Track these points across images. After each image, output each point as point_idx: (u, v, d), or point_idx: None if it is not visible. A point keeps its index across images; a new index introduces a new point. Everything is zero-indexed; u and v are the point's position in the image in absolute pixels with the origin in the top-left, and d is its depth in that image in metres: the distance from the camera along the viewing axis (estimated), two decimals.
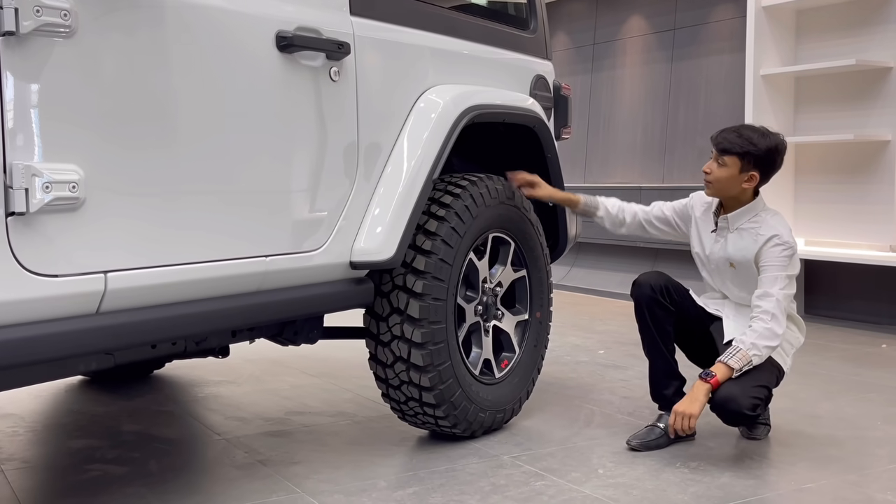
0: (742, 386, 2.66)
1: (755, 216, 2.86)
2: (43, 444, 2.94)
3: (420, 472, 2.62)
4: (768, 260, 2.78)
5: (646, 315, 2.93)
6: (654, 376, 2.97)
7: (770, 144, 2.81)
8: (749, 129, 2.85)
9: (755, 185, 2.85)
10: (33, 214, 1.78)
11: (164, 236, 2.05)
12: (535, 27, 3.52)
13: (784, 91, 5.65)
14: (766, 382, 2.75)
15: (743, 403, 2.64)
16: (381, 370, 2.81)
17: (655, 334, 2.92)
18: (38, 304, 1.81)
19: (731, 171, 2.80)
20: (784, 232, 2.82)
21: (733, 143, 2.79)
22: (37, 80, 1.80)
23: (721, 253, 2.91)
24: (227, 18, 2.20)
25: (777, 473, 2.69)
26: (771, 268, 2.78)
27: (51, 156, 1.81)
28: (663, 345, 2.94)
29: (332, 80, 2.48)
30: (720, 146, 2.81)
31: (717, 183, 2.83)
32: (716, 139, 2.84)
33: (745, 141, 2.78)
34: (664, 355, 2.94)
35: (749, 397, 2.65)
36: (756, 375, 2.71)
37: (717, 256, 2.93)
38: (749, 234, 2.84)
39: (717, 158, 2.82)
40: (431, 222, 2.75)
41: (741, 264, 2.86)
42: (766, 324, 2.71)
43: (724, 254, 2.90)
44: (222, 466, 2.69)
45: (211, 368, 4.01)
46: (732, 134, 2.82)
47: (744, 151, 2.78)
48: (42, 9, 1.77)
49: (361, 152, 2.60)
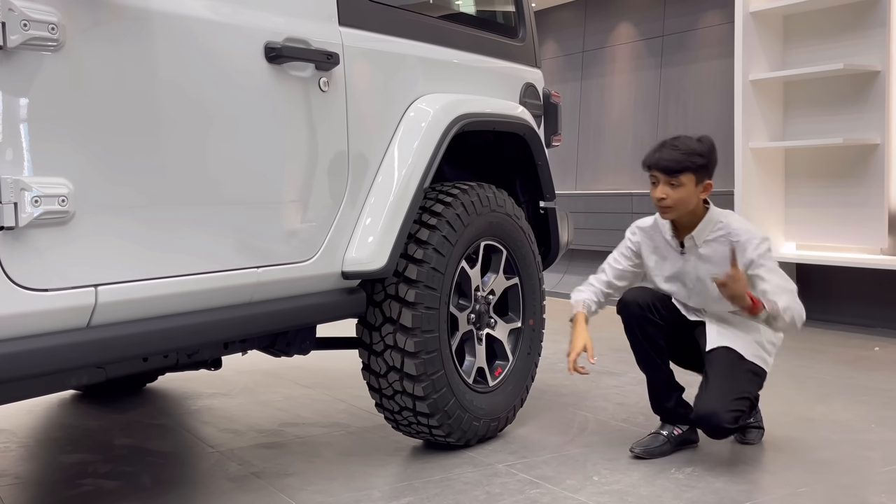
0: (723, 399, 2.67)
1: (717, 224, 2.79)
2: (35, 460, 2.93)
3: (415, 482, 2.62)
4: (756, 262, 2.73)
5: (637, 333, 2.90)
6: (653, 390, 2.96)
7: (708, 146, 2.76)
8: (680, 141, 2.75)
9: (710, 190, 2.79)
10: (22, 229, 1.77)
11: (154, 249, 2.04)
12: (523, 35, 3.53)
13: (773, 96, 5.68)
14: (748, 392, 2.76)
15: (724, 418, 2.64)
16: (374, 380, 2.80)
17: (649, 350, 2.90)
18: (28, 319, 1.80)
19: (689, 189, 2.72)
20: (751, 230, 2.79)
21: (681, 162, 2.70)
22: (25, 94, 1.79)
23: (697, 272, 2.83)
24: (216, 30, 2.20)
25: (771, 478, 2.69)
26: (763, 268, 2.72)
27: (40, 170, 1.81)
28: (658, 358, 2.91)
29: (322, 91, 2.48)
30: (669, 170, 2.71)
31: (678, 204, 2.74)
32: (659, 164, 2.72)
33: (690, 154, 2.71)
34: (660, 368, 2.92)
35: (729, 411, 2.66)
36: (738, 386, 2.72)
37: (693, 276, 2.85)
38: (720, 243, 2.77)
39: (667, 182, 2.71)
40: (423, 231, 2.75)
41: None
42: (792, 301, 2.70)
43: (702, 272, 2.81)
44: (216, 479, 2.67)
45: (204, 381, 4.00)
46: (672, 153, 2.72)
47: (696, 165, 2.71)
48: (29, 23, 1.76)
49: (352, 162, 2.60)
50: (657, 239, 2.93)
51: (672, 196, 2.73)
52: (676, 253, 2.87)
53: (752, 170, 5.59)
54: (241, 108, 2.27)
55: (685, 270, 2.86)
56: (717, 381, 2.72)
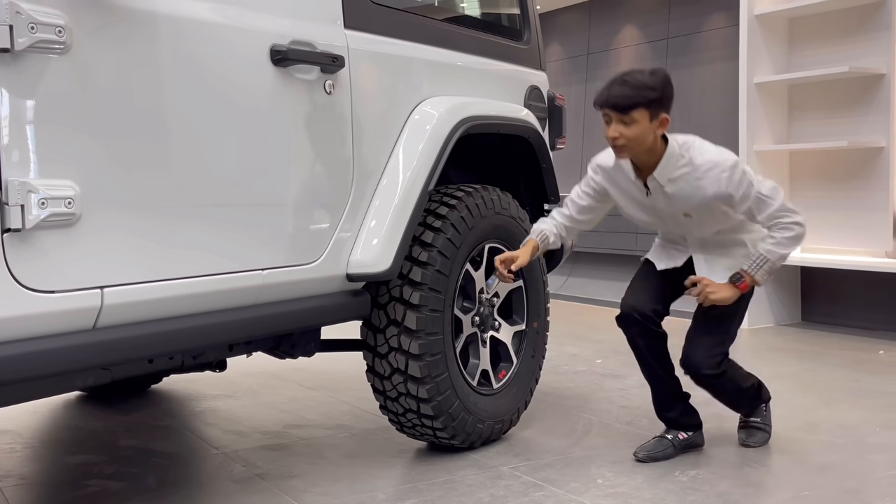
0: (706, 349, 2.77)
1: (680, 160, 2.64)
2: (41, 460, 2.94)
3: (419, 484, 2.62)
4: (738, 194, 2.62)
5: (639, 345, 2.87)
6: (657, 399, 2.95)
7: (661, 78, 2.59)
8: (631, 76, 2.59)
9: (667, 125, 2.62)
10: (29, 231, 1.78)
11: (160, 251, 2.05)
12: (528, 38, 3.53)
13: (778, 99, 5.67)
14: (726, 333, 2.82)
15: (706, 364, 2.76)
16: (378, 382, 2.81)
17: (653, 362, 2.88)
18: (34, 321, 1.81)
19: (643, 125, 2.56)
20: (718, 158, 2.63)
21: (633, 97, 2.54)
22: (32, 97, 1.80)
23: (669, 209, 2.73)
24: (222, 33, 2.21)
25: (775, 481, 2.69)
26: (747, 198, 2.63)
27: (46, 172, 1.82)
28: (661, 369, 2.89)
29: (327, 94, 2.49)
30: (619, 106, 2.55)
31: (632, 143, 2.59)
32: (609, 101, 2.57)
33: (641, 89, 2.55)
34: (664, 380, 2.91)
35: (711, 357, 2.77)
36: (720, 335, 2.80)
37: (667, 213, 2.76)
38: (686, 182, 2.64)
39: (619, 120, 2.57)
40: (427, 233, 2.76)
41: (696, 210, 2.70)
42: (785, 232, 2.66)
43: (673, 209, 2.72)
44: (220, 481, 2.68)
45: (208, 382, 4.00)
46: (622, 88, 2.56)
47: (648, 100, 2.55)
48: (37, 26, 1.77)
49: (356, 164, 2.61)
50: (620, 179, 2.80)
51: (626, 134, 2.57)
52: (643, 194, 2.76)
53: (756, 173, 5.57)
54: (247, 111, 2.27)
55: (656, 207, 2.77)
56: (701, 331, 2.81)
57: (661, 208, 2.76)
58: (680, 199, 2.68)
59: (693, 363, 2.79)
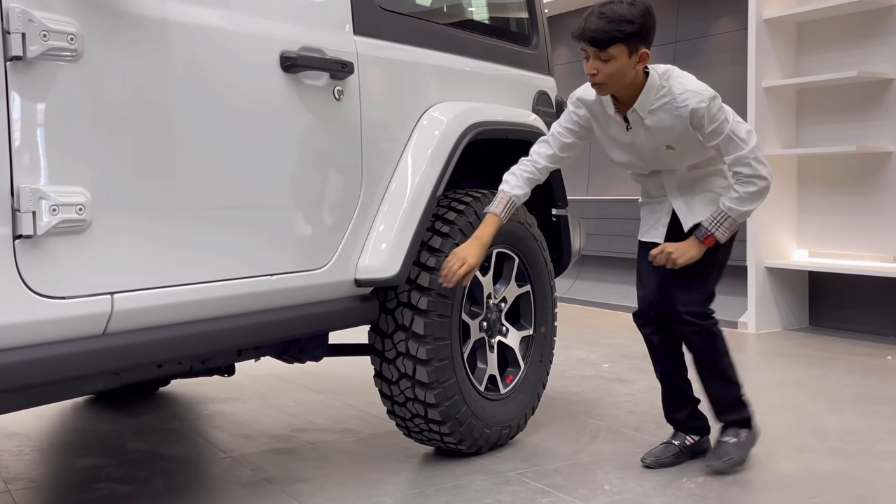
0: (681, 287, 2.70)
1: (659, 91, 2.56)
2: (49, 464, 2.95)
3: (426, 489, 2.62)
4: (710, 127, 2.53)
5: (655, 345, 2.87)
6: (667, 400, 2.94)
7: (641, 10, 2.46)
8: (608, 7, 2.46)
9: (648, 60, 2.53)
10: (40, 237, 1.79)
11: (169, 257, 2.06)
12: (536, 43, 3.53)
13: (786, 103, 5.66)
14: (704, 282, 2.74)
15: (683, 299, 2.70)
16: (386, 387, 2.81)
17: (667, 363, 2.87)
18: (45, 326, 1.82)
19: (622, 61, 2.47)
20: (697, 88, 2.54)
21: (610, 32, 2.43)
22: (44, 104, 1.81)
23: (649, 143, 2.65)
24: (232, 39, 2.22)
25: (783, 488, 2.68)
26: (717, 134, 2.54)
27: (58, 178, 1.83)
28: (674, 369, 2.88)
29: (336, 100, 2.50)
30: (596, 41, 2.45)
31: (610, 80, 2.50)
32: (585, 35, 2.47)
33: (619, 23, 2.43)
34: (677, 382, 2.90)
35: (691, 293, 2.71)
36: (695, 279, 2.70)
37: (646, 149, 2.67)
38: (666, 112, 2.56)
39: (597, 56, 2.47)
40: (436, 239, 2.76)
41: (678, 141, 2.61)
42: (747, 187, 2.57)
43: (654, 142, 2.64)
44: (228, 485, 2.69)
45: (216, 385, 4.01)
46: (599, 22, 2.45)
47: (626, 34, 2.44)
48: (49, 33, 1.78)
49: (365, 170, 2.61)
50: (600, 114, 2.71)
51: (603, 71, 2.48)
52: (623, 129, 2.67)
53: None
54: (257, 117, 2.28)
55: (636, 143, 2.67)
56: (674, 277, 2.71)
57: (642, 144, 2.66)
58: (660, 130, 2.60)
59: (668, 300, 2.70)
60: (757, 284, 5.58)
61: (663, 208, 2.82)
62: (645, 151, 2.69)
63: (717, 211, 2.64)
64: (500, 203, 2.74)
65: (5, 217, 1.74)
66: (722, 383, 2.82)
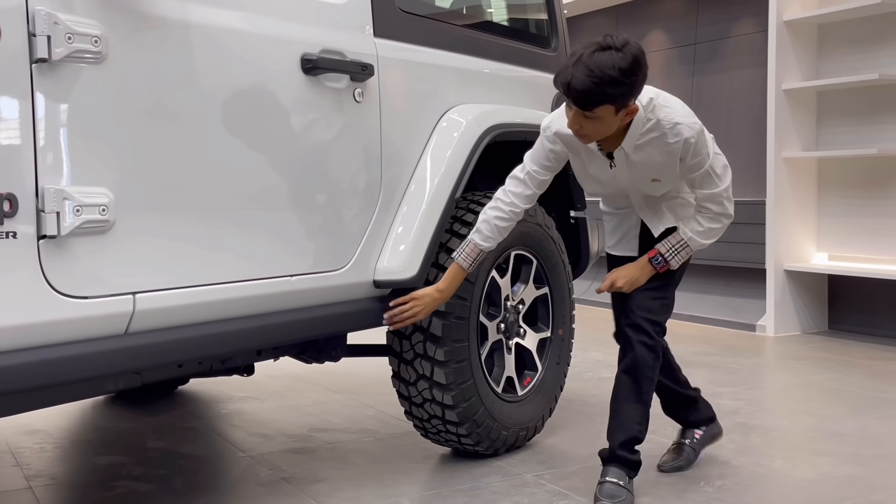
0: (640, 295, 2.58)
1: (645, 124, 2.39)
2: (70, 461, 2.98)
3: (443, 491, 2.63)
4: (693, 161, 2.43)
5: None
6: (667, 407, 2.93)
7: (630, 64, 2.22)
8: (596, 63, 2.20)
9: (636, 113, 2.35)
10: (64, 237, 1.81)
11: (191, 257, 2.08)
12: (556, 45, 3.53)
13: (806, 105, 5.63)
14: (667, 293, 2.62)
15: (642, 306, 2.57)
16: (403, 388, 2.82)
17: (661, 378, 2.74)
18: (68, 326, 1.84)
19: (608, 119, 2.30)
20: (687, 121, 2.39)
21: (596, 94, 2.22)
22: (68, 106, 1.83)
23: (633, 177, 2.52)
24: (254, 41, 2.23)
25: (802, 493, 2.67)
26: (697, 168, 2.44)
27: (81, 179, 1.85)
28: (670, 379, 2.82)
29: (356, 102, 2.51)
30: (581, 103, 2.25)
31: (595, 133, 2.35)
32: (571, 94, 2.25)
33: (606, 84, 2.20)
34: (672, 388, 2.87)
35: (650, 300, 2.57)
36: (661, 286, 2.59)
37: (629, 181, 2.54)
38: (655, 147, 2.42)
39: (581, 113, 2.29)
40: (454, 241, 2.77)
41: (664, 174, 2.49)
42: (712, 224, 2.51)
43: (638, 177, 2.51)
44: (247, 483, 2.70)
45: (234, 384, 4.04)
46: (586, 82, 2.20)
47: (615, 97, 2.24)
48: (73, 36, 1.80)
49: (385, 172, 2.62)
50: (581, 150, 2.54)
51: (588, 128, 2.33)
52: (605, 166, 2.53)
53: (784, 179, 5.56)
54: (278, 119, 2.30)
55: (618, 178, 2.54)
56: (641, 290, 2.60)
57: (624, 178, 2.53)
58: (647, 165, 2.46)
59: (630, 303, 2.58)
60: (776, 287, 5.55)
61: (631, 220, 2.73)
62: (626, 184, 2.57)
63: (677, 239, 2.55)
64: (470, 255, 2.58)
65: (30, 217, 1.76)
66: (639, 412, 2.59)
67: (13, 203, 1.73)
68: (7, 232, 1.73)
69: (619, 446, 2.55)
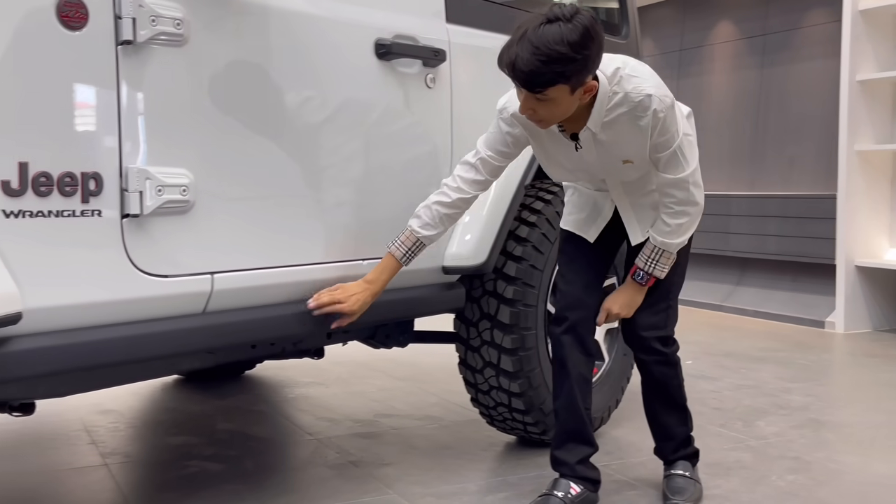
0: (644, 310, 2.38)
1: (612, 99, 2.10)
2: (143, 440, 3.04)
3: (509, 477, 2.63)
4: (661, 139, 2.15)
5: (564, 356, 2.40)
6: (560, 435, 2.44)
7: (580, 36, 1.93)
8: (542, 38, 1.92)
9: (596, 88, 2.07)
10: (146, 216, 1.85)
11: (267, 239, 2.10)
12: (627, 33, 3.50)
13: (881, 97, 5.48)
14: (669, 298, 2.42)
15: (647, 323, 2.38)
16: (470, 375, 2.82)
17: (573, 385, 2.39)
18: (149, 304, 1.88)
19: (563, 101, 2.02)
20: (658, 92, 2.09)
21: (544, 75, 1.94)
22: (151, 87, 1.87)
23: (602, 160, 2.23)
24: (330, 26, 2.25)
25: (880, 487, 2.60)
26: (664, 147, 2.16)
27: (163, 160, 1.88)
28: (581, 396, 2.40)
29: (428, 87, 2.51)
30: (529, 86, 1.97)
31: (551, 117, 2.07)
32: (516, 74, 1.98)
33: (555, 60, 1.92)
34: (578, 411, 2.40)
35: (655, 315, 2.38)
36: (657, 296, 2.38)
37: (599, 164, 2.25)
38: (625, 123, 2.13)
39: (531, 96, 2.02)
40: (522, 228, 2.76)
41: (638, 154, 2.20)
42: (679, 219, 2.25)
43: (608, 158, 2.22)
44: (315, 466, 2.73)
45: (299, 370, 4.08)
46: (532, 61, 1.93)
47: (566, 75, 1.95)
48: (157, 18, 1.84)
49: (455, 158, 2.62)
50: (543, 132, 2.24)
51: (542, 112, 2.05)
52: (570, 149, 2.24)
53: (856, 173, 5.42)
54: (352, 104, 2.31)
55: (586, 161, 2.24)
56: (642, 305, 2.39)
57: (593, 161, 2.24)
58: (617, 145, 2.18)
59: (633, 326, 2.39)
60: (846, 283, 5.43)
61: (605, 204, 2.45)
62: (596, 168, 2.28)
63: (650, 248, 2.31)
64: (405, 243, 2.29)
65: (114, 196, 1.80)
66: (680, 415, 2.51)
67: (98, 182, 1.77)
68: (92, 210, 1.77)
69: (671, 452, 2.52)
